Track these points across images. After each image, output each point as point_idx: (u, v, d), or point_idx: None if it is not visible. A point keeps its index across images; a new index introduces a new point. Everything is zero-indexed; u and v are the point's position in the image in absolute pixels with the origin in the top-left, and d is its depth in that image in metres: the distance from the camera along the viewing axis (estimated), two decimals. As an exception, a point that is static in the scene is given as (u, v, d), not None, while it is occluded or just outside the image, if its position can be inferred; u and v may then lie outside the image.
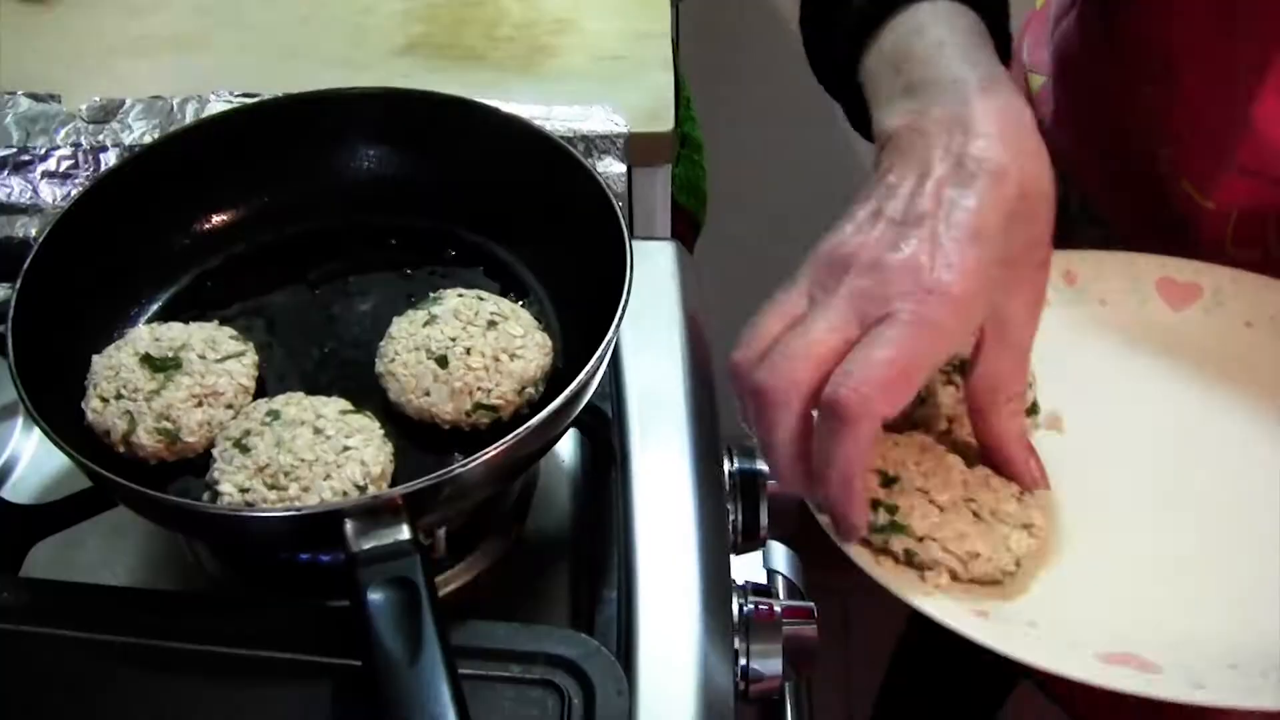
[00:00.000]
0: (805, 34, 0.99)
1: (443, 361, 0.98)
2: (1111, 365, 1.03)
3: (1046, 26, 1.26)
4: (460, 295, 1.02)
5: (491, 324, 1.00)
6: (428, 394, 0.98)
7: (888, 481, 0.89)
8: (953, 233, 0.78)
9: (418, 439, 0.99)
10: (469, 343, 0.98)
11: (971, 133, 0.82)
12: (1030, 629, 0.86)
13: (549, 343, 1.01)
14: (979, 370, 0.85)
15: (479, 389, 0.98)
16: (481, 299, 1.02)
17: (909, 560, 0.88)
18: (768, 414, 0.81)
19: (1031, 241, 0.83)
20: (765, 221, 2.32)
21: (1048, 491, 0.92)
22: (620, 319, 0.94)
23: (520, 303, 1.05)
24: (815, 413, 0.80)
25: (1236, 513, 0.94)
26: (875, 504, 0.88)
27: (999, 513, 0.89)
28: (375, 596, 0.81)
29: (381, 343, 1.01)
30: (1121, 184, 1.17)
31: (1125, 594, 0.90)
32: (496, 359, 0.98)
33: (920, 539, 0.87)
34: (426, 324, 1.00)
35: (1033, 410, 0.96)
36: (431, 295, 1.03)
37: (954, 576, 0.88)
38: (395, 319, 1.02)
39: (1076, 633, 0.86)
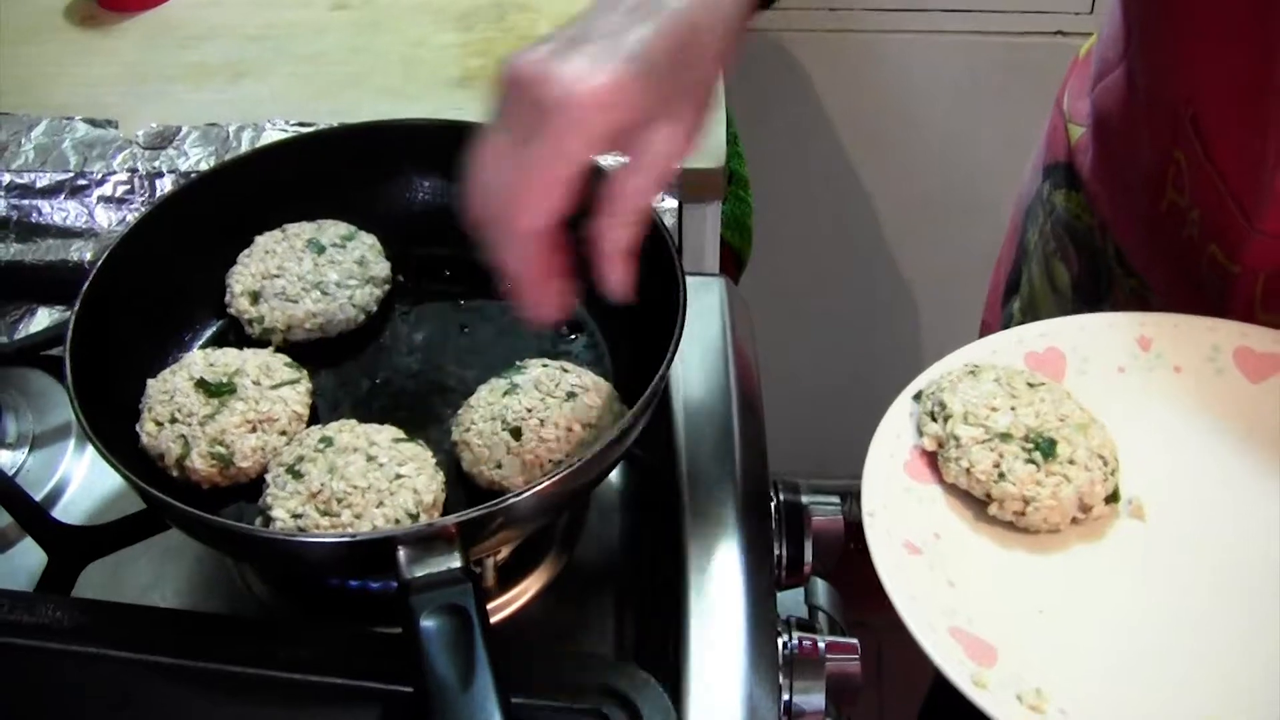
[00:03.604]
0: None
1: (516, 433, 0.97)
2: (1190, 442, 1.01)
3: (1088, 78, 1.27)
4: (545, 365, 1.02)
5: (571, 395, 0.99)
6: (500, 466, 0.97)
7: None
8: (613, 50, 0.80)
9: (469, 469, 1.00)
10: (544, 414, 0.98)
11: None
12: None
13: (625, 412, 1.00)
14: (610, 180, 0.84)
15: (550, 461, 0.97)
16: (565, 370, 1.01)
17: None
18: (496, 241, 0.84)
19: (694, 81, 0.84)
20: (808, 259, 2.33)
21: None
22: (672, 356, 0.94)
23: (573, 336, 1.06)
24: None
25: None
26: None
27: None
28: (428, 624, 0.82)
29: (460, 410, 1.01)
30: (1155, 242, 1.17)
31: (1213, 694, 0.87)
32: (570, 429, 0.98)
33: None
34: (507, 394, 0.99)
35: (1114, 498, 0.96)
36: (517, 364, 1.03)
37: None
38: (479, 386, 1.02)
39: None
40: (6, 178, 1.30)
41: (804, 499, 1.09)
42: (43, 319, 1.23)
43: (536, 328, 0.92)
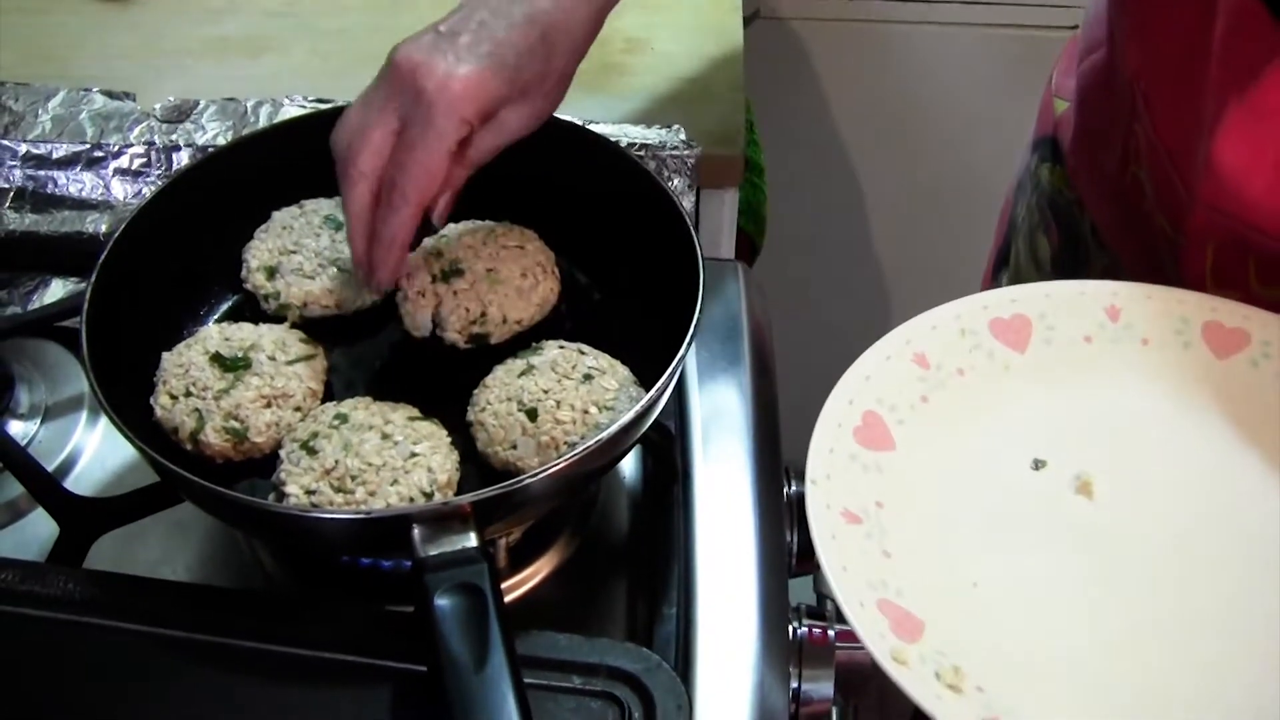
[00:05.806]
0: None
1: (532, 414, 0.97)
2: (1150, 420, 0.99)
3: (1077, 56, 1.28)
4: (561, 348, 1.02)
5: (587, 378, 0.99)
6: (514, 447, 0.97)
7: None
8: (478, 45, 0.95)
9: (484, 448, 0.99)
10: (560, 395, 0.98)
11: None
12: None
13: (642, 395, 1.00)
14: (468, 147, 0.98)
15: (565, 443, 0.97)
16: (582, 353, 1.01)
17: None
18: (343, 187, 0.98)
19: (547, 72, 0.99)
20: (821, 246, 2.32)
21: None
22: (690, 341, 0.94)
23: (591, 319, 1.06)
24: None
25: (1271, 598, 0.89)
26: None
27: None
28: (443, 602, 0.81)
29: (476, 390, 1.01)
30: (1122, 216, 1.19)
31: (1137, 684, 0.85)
32: (586, 412, 0.97)
33: None
34: (523, 374, 0.99)
35: None
36: (534, 345, 1.03)
37: None
38: (496, 367, 1.02)
39: None
40: (23, 148, 1.30)
41: (817, 487, 1.09)
42: (57, 290, 1.22)
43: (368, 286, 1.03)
